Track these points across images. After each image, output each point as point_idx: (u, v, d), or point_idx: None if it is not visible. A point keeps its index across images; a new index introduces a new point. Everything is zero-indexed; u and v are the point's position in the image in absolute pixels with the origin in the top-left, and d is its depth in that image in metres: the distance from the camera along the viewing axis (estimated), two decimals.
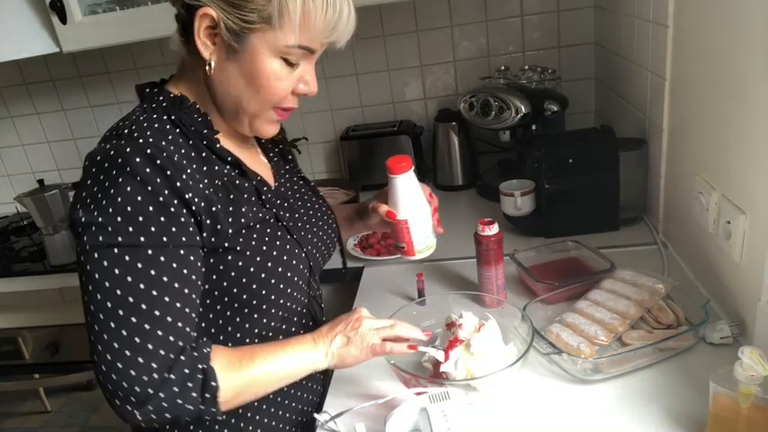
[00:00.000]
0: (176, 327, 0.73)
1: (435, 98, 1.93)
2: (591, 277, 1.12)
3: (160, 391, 0.70)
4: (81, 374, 1.72)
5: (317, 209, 1.03)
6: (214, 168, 0.82)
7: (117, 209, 0.71)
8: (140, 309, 0.71)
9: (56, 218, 1.67)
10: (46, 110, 2.10)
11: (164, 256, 0.72)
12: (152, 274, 0.71)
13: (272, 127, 0.87)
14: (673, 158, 1.22)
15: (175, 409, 0.72)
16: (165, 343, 0.71)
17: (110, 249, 0.71)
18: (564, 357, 0.91)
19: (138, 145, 0.73)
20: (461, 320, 0.96)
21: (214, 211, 0.78)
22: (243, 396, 0.79)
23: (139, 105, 0.83)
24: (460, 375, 0.90)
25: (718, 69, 0.96)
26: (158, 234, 0.72)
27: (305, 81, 0.83)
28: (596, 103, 1.85)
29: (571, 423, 0.84)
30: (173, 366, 0.71)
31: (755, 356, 0.67)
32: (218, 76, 0.80)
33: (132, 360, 0.69)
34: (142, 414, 0.71)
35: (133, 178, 0.71)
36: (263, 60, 0.78)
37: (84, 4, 1.55)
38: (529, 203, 1.39)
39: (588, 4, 1.76)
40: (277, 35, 0.77)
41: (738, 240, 0.91)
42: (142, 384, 0.69)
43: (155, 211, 0.72)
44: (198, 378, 0.73)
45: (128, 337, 0.70)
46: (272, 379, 0.81)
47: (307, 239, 0.93)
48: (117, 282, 0.70)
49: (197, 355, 0.74)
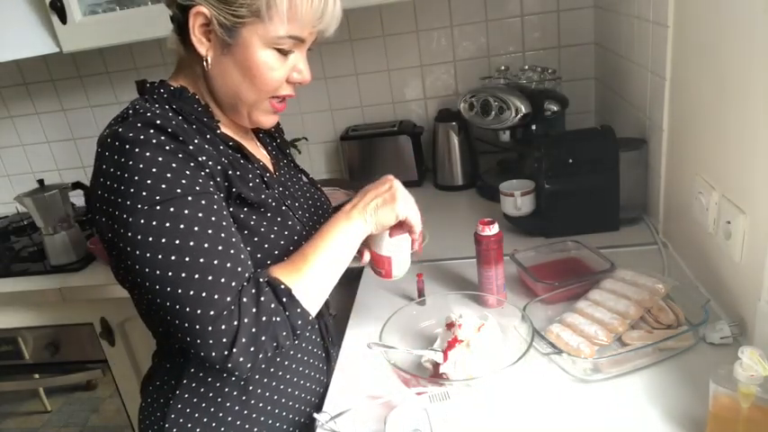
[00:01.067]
0: (239, 258, 0.77)
1: (435, 98, 1.93)
2: (591, 277, 1.12)
3: (243, 318, 0.73)
4: (81, 374, 1.72)
5: (315, 198, 1.05)
6: (219, 148, 0.85)
7: (143, 176, 0.73)
8: (204, 248, 0.74)
9: (56, 218, 1.67)
10: (46, 110, 2.10)
11: (204, 199, 0.76)
12: (200, 216, 0.75)
13: (270, 118, 0.91)
14: (673, 158, 1.22)
15: (266, 329, 0.75)
16: (233, 274, 0.75)
17: (152, 209, 0.73)
18: (564, 357, 0.92)
19: (147, 118, 0.76)
20: (461, 320, 0.96)
21: (230, 174, 0.82)
22: (319, 290, 0.83)
23: (140, 97, 0.86)
24: (460, 375, 0.90)
25: (718, 69, 0.96)
26: (190, 183, 0.75)
27: (298, 70, 0.87)
28: (596, 103, 1.85)
29: (571, 423, 0.84)
30: (241, 293, 0.75)
31: (755, 356, 0.67)
32: (215, 70, 0.84)
33: (210, 300, 0.72)
34: (241, 351, 0.73)
35: (149, 145, 0.74)
36: (256, 52, 0.82)
37: (84, 4, 1.55)
38: (529, 203, 1.39)
39: (588, 4, 1.76)
40: (267, 27, 0.80)
41: (738, 240, 0.91)
42: (225, 320, 0.72)
43: (179, 165, 0.75)
44: (266, 290, 0.76)
45: (200, 278, 0.73)
46: (334, 261, 0.85)
47: (309, 224, 0.96)
48: (172, 233, 0.73)
49: (255, 274, 0.78)
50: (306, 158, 2.02)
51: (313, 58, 1.73)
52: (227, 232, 0.77)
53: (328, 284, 0.86)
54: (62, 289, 1.58)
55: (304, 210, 0.99)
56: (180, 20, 0.83)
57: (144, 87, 0.88)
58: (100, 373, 1.71)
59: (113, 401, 1.78)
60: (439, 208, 1.69)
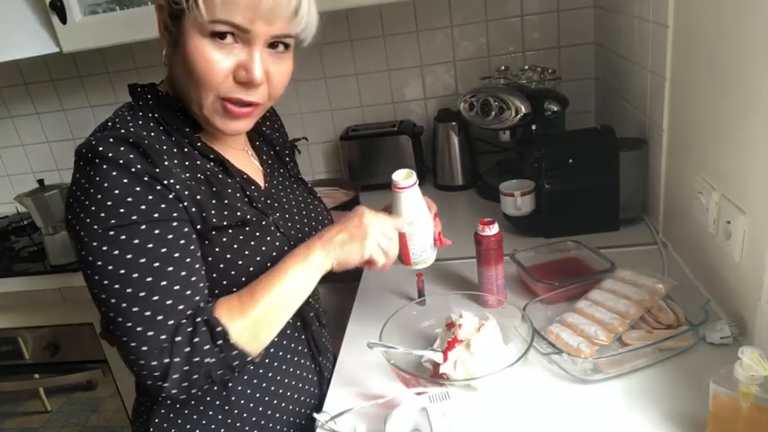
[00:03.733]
0: (184, 295, 0.75)
1: (435, 98, 1.93)
2: (591, 277, 1.12)
3: (175, 357, 0.72)
4: (81, 374, 1.72)
5: (311, 210, 1.02)
6: (196, 163, 0.83)
7: (105, 195, 0.73)
8: (146, 282, 0.73)
9: (56, 218, 1.67)
10: (46, 110, 2.10)
11: (158, 229, 0.74)
12: (150, 247, 0.73)
13: (228, 122, 0.82)
14: (673, 158, 1.22)
15: (198, 368, 0.74)
16: (174, 312, 0.74)
17: (105, 233, 0.73)
18: (564, 357, 0.91)
19: (120, 134, 0.75)
20: (461, 320, 0.96)
21: (199, 199, 0.80)
22: (263, 330, 0.80)
23: (127, 102, 0.86)
24: (460, 375, 0.90)
25: (718, 69, 0.96)
26: (149, 210, 0.74)
27: (245, 67, 0.77)
28: (596, 103, 1.85)
29: (571, 423, 0.84)
30: (177, 330, 0.74)
31: (755, 356, 0.67)
32: (170, 67, 0.82)
33: (143, 334, 0.72)
34: (173, 385, 0.73)
35: (116, 164, 0.73)
36: (193, 41, 0.76)
37: (84, 4, 1.55)
38: (529, 203, 1.39)
39: (588, 4, 1.76)
40: (199, 13, 0.74)
41: (738, 240, 0.91)
42: (157, 357, 0.72)
43: (142, 190, 0.74)
44: (203, 331, 0.74)
45: (139, 312, 0.72)
46: (283, 301, 0.82)
47: (297, 238, 0.92)
48: (119, 262, 0.72)
49: (195, 312, 0.76)
50: (306, 158, 2.03)
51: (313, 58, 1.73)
52: (177, 265, 0.75)
53: (276, 323, 0.82)
54: (62, 289, 1.58)
55: (294, 222, 0.96)
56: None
57: (135, 91, 0.87)
58: (100, 373, 1.71)
59: (113, 401, 1.78)
60: (439, 208, 1.68)
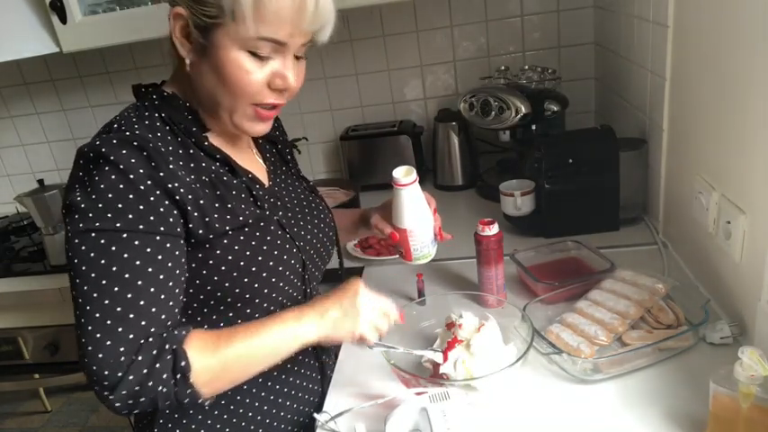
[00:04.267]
0: (149, 311, 0.73)
1: (435, 98, 1.93)
2: (591, 277, 1.12)
3: (129, 374, 0.70)
4: (81, 374, 1.70)
5: (313, 207, 1.02)
6: (201, 165, 0.82)
7: (98, 196, 0.73)
8: (113, 291, 0.72)
9: (56, 218, 1.67)
10: (46, 110, 2.10)
11: (138, 240, 0.73)
12: (125, 257, 0.73)
13: (257, 125, 0.85)
14: (673, 158, 1.22)
15: (148, 392, 0.71)
16: (135, 326, 0.72)
17: (88, 234, 0.73)
18: (564, 357, 0.91)
19: (125, 137, 0.75)
20: (461, 320, 0.96)
21: (202, 203, 0.79)
22: (226, 377, 0.78)
23: (133, 103, 0.85)
24: (460, 375, 0.90)
25: (718, 69, 0.96)
26: (135, 221, 0.73)
27: (280, 76, 0.81)
28: (596, 103, 1.85)
29: (571, 423, 0.84)
30: (140, 348, 0.72)
31: (755, 356, 0.67)
32: (195, 73, 0.81)
33: (102, 343, 0.70)
34: (117, 399, 0.70)
35: (116, 168, 0.73)
36: (229, 54, 0.77)
37: (84, 4, 1.55)
38: (529, 203, 1.39)
39: (588, 4, 1.76)
40: (237, 28, 0.76)
41: (738, 240, 0.91)
42: (111, 367, 0.70)
43: (134, 199, 0.74)
44: (167, 359, 0.72)
45: (100, 319, 0.71)
46: (255, 357, 0.80)
47: (300, 236, 0.93)
48: (93, 265, 0.72)
49: (167, 336, 0.74)
50: (306, 158, 2.02)
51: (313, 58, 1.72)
52: (147, 280, 0.73)
53: (238, 376, 0.80)
54: (62, 289, 1.58)
55: (297, 220, 0.96)
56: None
57: (139, 92, 0.87)
58: None
59: None
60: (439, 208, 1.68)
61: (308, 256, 0.94)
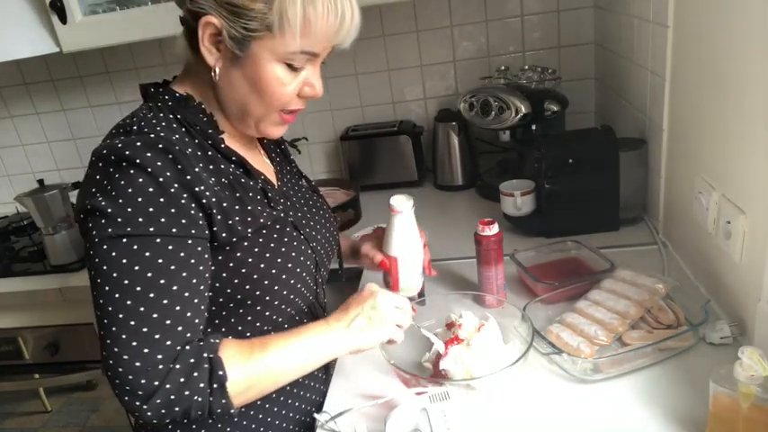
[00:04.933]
0: (184, 317, 0.73)
1: (435, 98, 1.93)
2: (591, 277, 1.12)
3: (166, 383, 0.69)
4: (81, 374, 1.72)
5: (318, 206, 1.03)
6: (220, 167, 0.82)
7: (126, 200, 0.71)
8: (148, 298, 0.71)
9: (56, 218, 1.67)
10: (46, 110, 2.10)
11: (172, 245, 0.73)
12: (159, 262, 0.72)
13: (279, 129, 0.88)
14: (673, 158, 1.22)
15: (184, 402, 0.71)
16: (172, 333, 0.71)
17: (118, 240, 0.71)
18: (564, 357, 0.91)
19: (150, 139, 0.74)
20: (461, 320, 0.96)
21: (225, 206, 0.78)
22: (257, 387, 0.78)
23: (144, 104, 0.84)
24: (460, 375, 0.90)
25: (719, 69, 0.96)
26: (167, 224, 0.72)
27: (310, 84, 0.84)
28: (596, 103, 1.85)
29: (571, 423, 0.84)
30: (178, 357, 0.71)
31: (755, 356, 0.67)
32: (224, 81, 0.81)
33: (138, 351, 0.69)
34: (151, 408, 0.70)
35: (143, 171, 0.72)
36: (267, 67, 0.78)
37: (84, 4, 1.55)
38: (529, 203, 1.39)
39: (588, 4, 1.76)
40: (279, 42, 0.77)
41: (738, 240, 0.91)
42: (148, 376, 0.69)
43: (165, 203, 0.73)
44: (204, 368, 0.72)
45: (135, 326, 0.70)
46: (287, 368, 0.80)
47: (312, 236, 0.94)
48: (125, 271, 0.71)
49: (203, 345, 0.74)
50: (306, 158, 2.02)
51: None
52: (182, 284, 0.73)
53: (270, 386, 0.80)
54: (62, 289, 1.58)
55: (307, 219, 0.96)
56: (190, 24, 0.80)
57: (148, 92, 0.86)
58: (100, 373, 1.70)
59: (113, 401, 1.76)
60: (439, 208, 1.69)
61: (320, 256, 0.95)
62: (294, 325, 0.91)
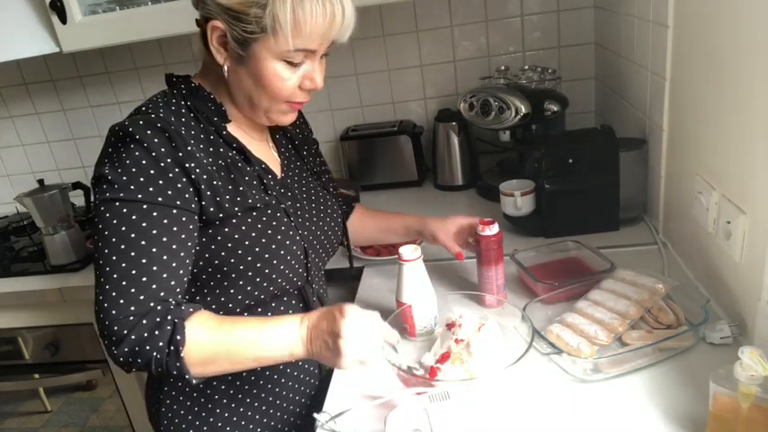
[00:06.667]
0: (160, 278, 0.80)
1: (435, 98, 1.93)
2: (591, 277, 1.12)
3: (132, 334, 0.76)
4: (81, 374, 1.72)
5: (321, 203, 1.06)
6: (219, 150, 0.89)
7: (124, 169, 0.80)
8: (130, 256, 0.78)
9: (56, 218, 1.67)
10: (46, 110, 2.10)
11: (156, 212, 0.80)
12: (143, 226, 0.79)
13: (288, 117, 0.95)
14: (673, 158, 1.22)
15: (145, 354, 0.77)
16: (146, 290, 0.78)
17: (112, 203, 0.80)
18: (564, 357, 0.91)
19: (150, 119, 0.83)
20: (461, 320, 0.96)
21: (215, 184, 0.85)
22: (216, 365, 0.81)
23: (163, 90, 0.93)
24: (460, 375, 0.90)
25: (718, 69, 0.96)
26: (155, 193, 0.80)
27: (310, 77, 0.90)
28: (596, 103, 1.85)
29: (571, 423, 0.84)
30: (148, 313, 0.78)
31: (755, 356, 0.67)
32: (232, 78, 0.89)
33: (116, 300, 0.77)
34: (120, 353, 0.77)
35: (140, 145, 0.80)
36: (267, 65, 0.86)
37: (84, 4, 1.55)
38: (529, 203, 1.39)
39: (588, 4, 1.76)
40: (275, 42, 0.83)
41: (738, 240, 0.91)
42: (119, 324, 0.77)
43: (155, 174, 0.81)
44: (167, 329, 0.78)
45: (117, 279, 0.78)
46: (246, 358, 0.82)
47: (305, 226, 0.98)
48: (114, 231, 0.79)
49: (174, 309, 0.80)
50: None
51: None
52: (161, 248, 0.80)
53: (228, 369, 0.84)
54: (62, 289, 1.58)
55: (304, 211, 1.01)
56: (202, 26, 0.88)
57: (170, 80, 0.94)
58: (100, 373, 1.71)
59: (113, 401, 1.78)
60: (439, 208, 1.69)
61: (311, 245, 0.98)
62: (280, 306, 0.96)
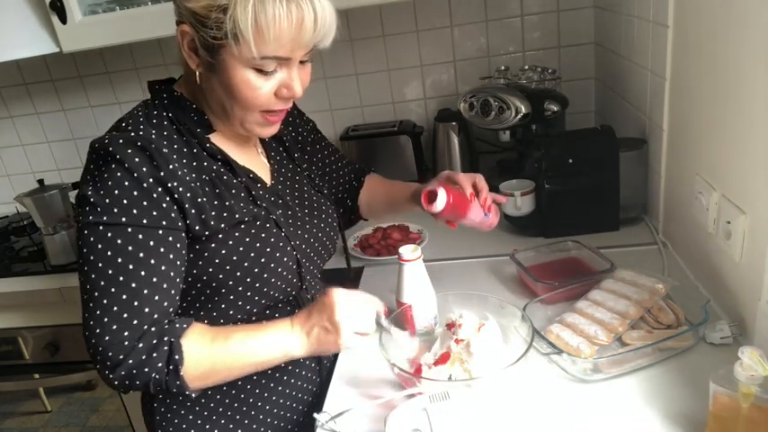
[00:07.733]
0: (152, 300, 0.79)
1: (435, 98, 1.93)
2: (591, 277, 1.12)
3: (129, 358, 0.76)
4: (81, 374, 1.72)
5: (315, 207, 1.03)
6: (203, 164, 0.86)
7: (106, 191, 0.78)
8: (119, 281, 0.77)
9: (56, 218, 1.67)
10: (46, 110, 2.10)
11: (142, 234, 0.79)
12: (129, 249, 0.78)
13: (266, 129, 0.89)
14: (673, 158, 1.22)
15: (143, 377, 0.77)
16: (139, 313, 0.78)
17: (96, 227, 0.78)
18: (564, 357, 0.91)
19: (130, 137, 0.79)
20: (461, 320, 0.96)
21: (200, 201, 0.83)
22: (213, 376, 0.82)
23: (144, 101, 0.89)
24: (460, 375, 0.90)
25: (718, 69, 0.96)
26: (139, 216, 0.78)
27: (287, 86, 0.84)
28: (596, 103, 1.85)
29: (571, 423, 0.84)
30: (143, 336, 0.77)
31: (755, 356, 0.67)
32: (205, 85, 0.85)
33: (109, 326, 0.76)
34: (116, 378, 0.77)
35: (122, 166, 0.78)
36: (236, 73, 0.81)
37: (84, 4, 1.55)
38: (529, 203, 1.39)
39: (588, 4, 1.76)
40: (241, 49, 0.78)
41: (738, 240, 0.91)
42: (115, 350, 0.76)
43: (138, 196, 0.78)
44: (164, 350, 0.78)
45: (107, 305, 0.77)
46: (243, 365, 0.84)
47: (297, 235, 0.95)
48: (100, 256, 0.77)
49: (168, 329, 0.79)
50: None
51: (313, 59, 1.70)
52: (150, 270, 0.79)
53: (228, 378, 0.85)
54: (62, 289, 1.58)
55: (296, 218, 0.97)
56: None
57: (153, 89, 0.90)
58: None
59: (113, 401, 1.78)
60: None
61: (304, 254, 0.95)
62: (276, 313, 0.94)
